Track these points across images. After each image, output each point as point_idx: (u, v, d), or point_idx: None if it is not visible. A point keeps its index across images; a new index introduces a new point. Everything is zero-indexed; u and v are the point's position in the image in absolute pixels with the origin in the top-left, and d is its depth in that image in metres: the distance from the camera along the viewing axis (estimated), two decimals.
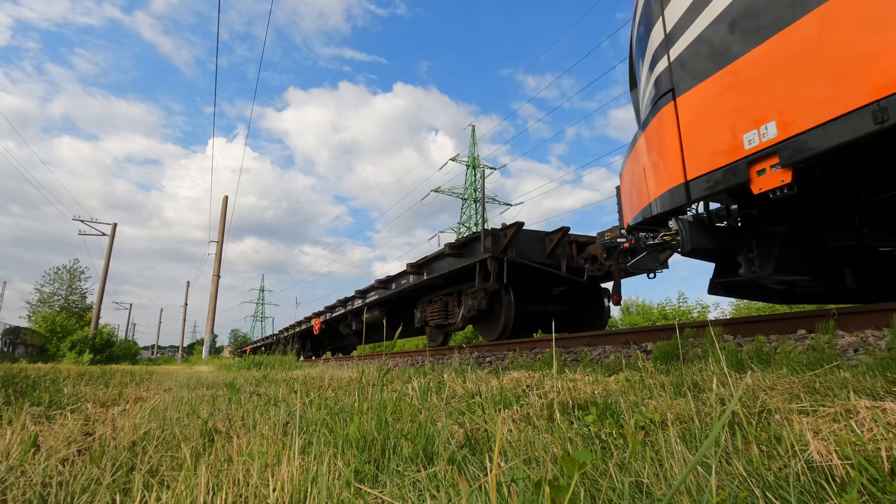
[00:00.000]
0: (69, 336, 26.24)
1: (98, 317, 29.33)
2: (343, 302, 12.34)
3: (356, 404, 1.86)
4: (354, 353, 15.74)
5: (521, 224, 6.53)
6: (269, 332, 26.45)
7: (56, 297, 39.52)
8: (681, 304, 24.52)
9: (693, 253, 3.53)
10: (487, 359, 5.89)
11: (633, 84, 4.45)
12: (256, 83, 23.96)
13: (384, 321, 10.10)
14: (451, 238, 57.00)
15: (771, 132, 2.51)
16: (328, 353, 16.61)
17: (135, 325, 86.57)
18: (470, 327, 8.26)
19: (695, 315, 23.52)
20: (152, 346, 78.21)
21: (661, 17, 3.32)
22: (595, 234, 6.46)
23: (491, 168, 56.45)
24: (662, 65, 3.26)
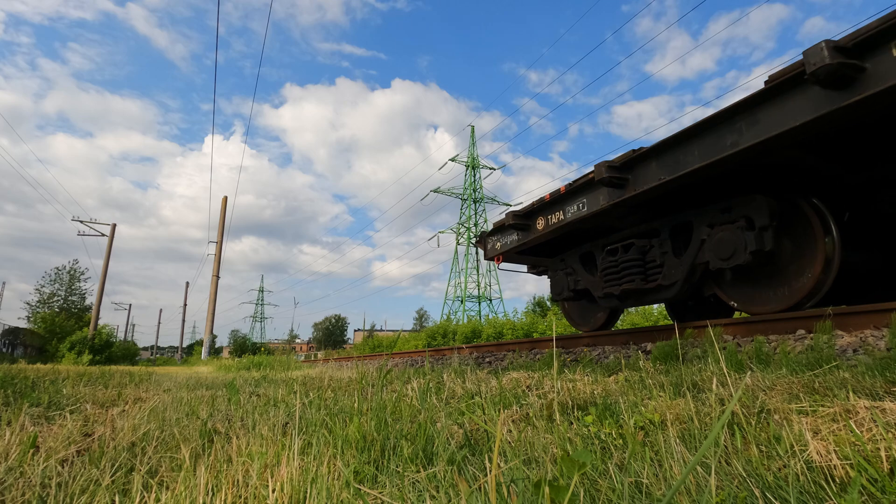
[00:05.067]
0: (68, 337, 26.18)
1: (97, 317, 29.30)
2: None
3: (356, 405, 1.85)
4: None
5: None
6: (268, 333, 25.28)
7: (55, 298, 39.46)
8: None
9: None
10: (487, 359, 5.90)
11: None
12: (256, 80, 23.97)
13: None
14: (451, 238, 56.90)
15: None
16: None
17: (134, 325, 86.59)
18: None
19: None
20: (151, 347, 78.16)
21: None
22: None
23: (491, 168, 56.36)
24: None
